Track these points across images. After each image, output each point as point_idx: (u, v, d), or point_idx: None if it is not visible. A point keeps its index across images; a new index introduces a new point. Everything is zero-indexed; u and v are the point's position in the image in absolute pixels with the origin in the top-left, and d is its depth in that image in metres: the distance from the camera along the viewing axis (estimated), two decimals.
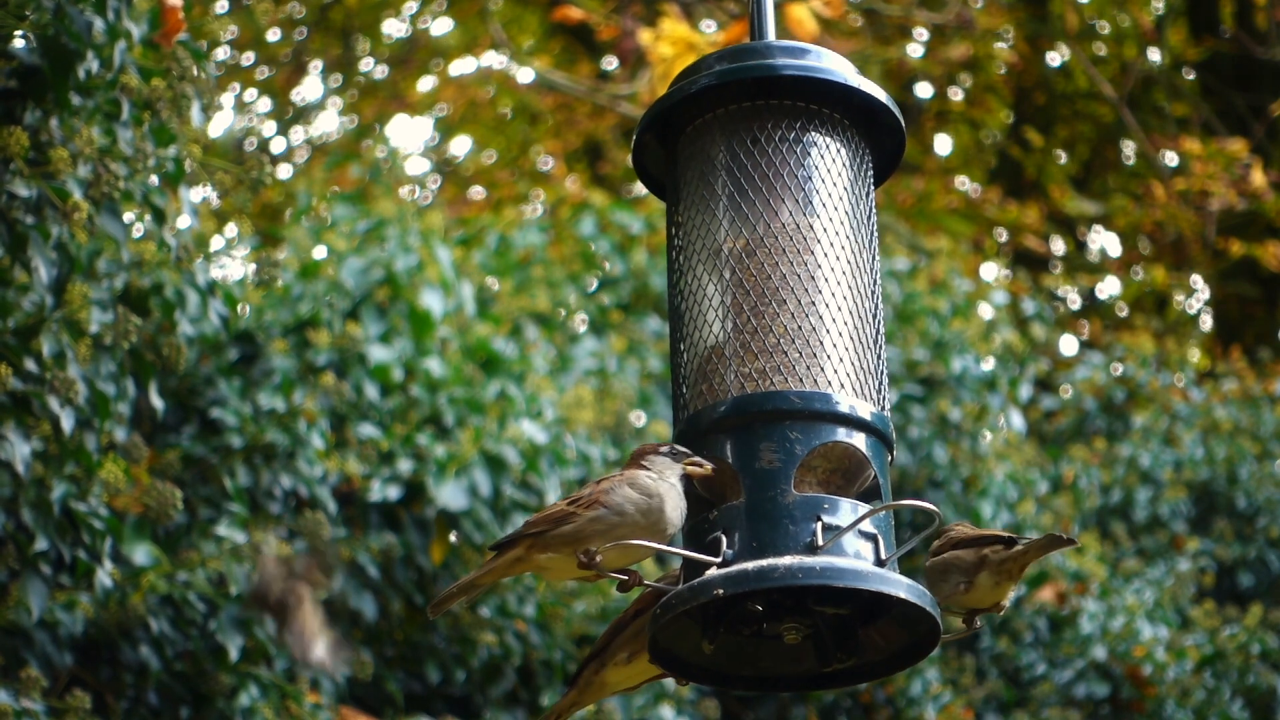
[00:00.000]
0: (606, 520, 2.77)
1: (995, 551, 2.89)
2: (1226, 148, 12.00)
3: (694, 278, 2.89)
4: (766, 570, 2.61)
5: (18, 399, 4.12)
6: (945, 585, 2.88)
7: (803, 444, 2.72)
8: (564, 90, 13.21)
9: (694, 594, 2.63)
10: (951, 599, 2.89)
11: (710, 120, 2.92)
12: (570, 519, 2.78)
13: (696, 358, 2.86)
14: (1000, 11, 13.64)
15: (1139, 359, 10.24)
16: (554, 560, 2.80)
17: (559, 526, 2.78)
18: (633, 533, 2.75)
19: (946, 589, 2.88)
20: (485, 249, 8.14)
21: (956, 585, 2.89)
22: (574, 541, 2.77)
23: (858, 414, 2.77)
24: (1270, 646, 8.23)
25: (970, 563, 2.89)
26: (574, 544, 2.77)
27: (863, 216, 2.92)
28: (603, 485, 2.81)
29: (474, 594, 2.92)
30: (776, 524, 2.68)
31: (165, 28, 4.16)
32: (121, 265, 4.84)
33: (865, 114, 2.94)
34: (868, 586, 2.62)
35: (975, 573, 2.89)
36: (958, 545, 2.92)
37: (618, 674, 2.94)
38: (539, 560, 2.82)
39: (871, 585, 2.62)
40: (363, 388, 6.02)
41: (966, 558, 2.90)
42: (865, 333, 2.86)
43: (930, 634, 2.71)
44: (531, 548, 2.81)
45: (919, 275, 9.02)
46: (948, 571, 2.89)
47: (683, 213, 2.95)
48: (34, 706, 4.22)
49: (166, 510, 4.60)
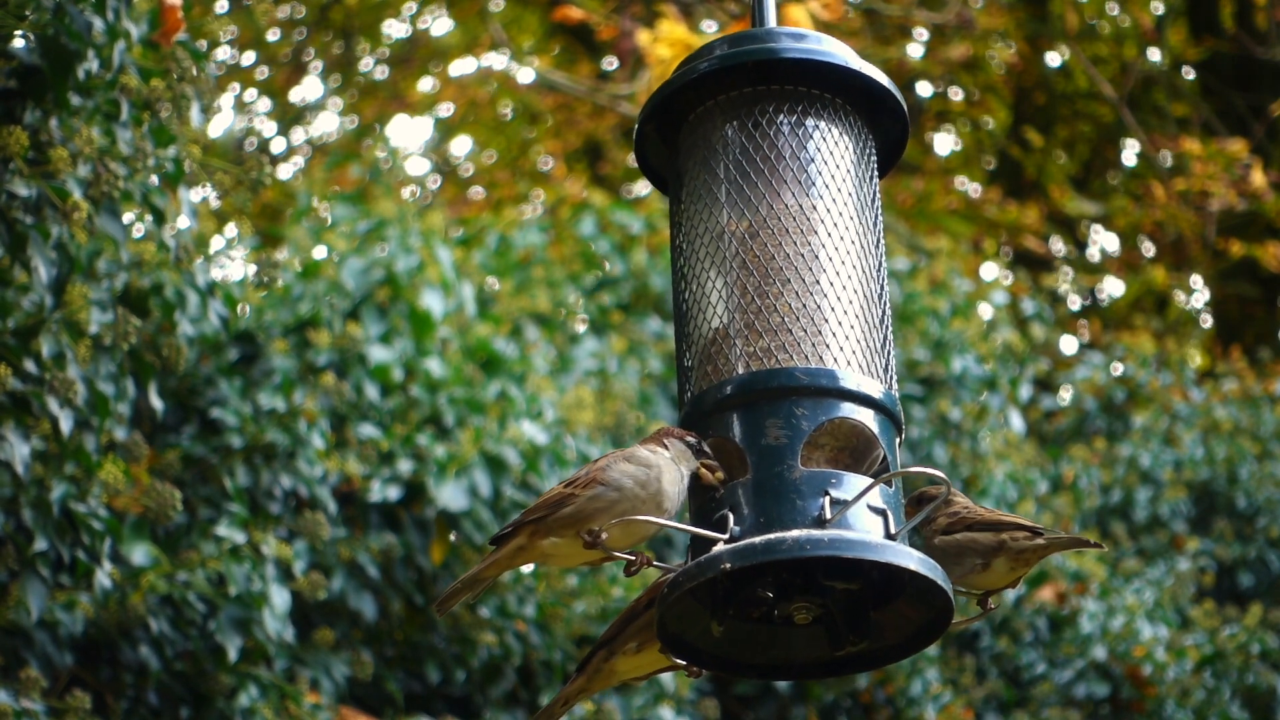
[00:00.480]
0: (606, 497, 2.73)
1: (1016, 539, 2.87)
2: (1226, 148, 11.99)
3: (697, 261, 2.88)
4: (774, 543, 2.58)
5: (17, 399, 4.12)
6: (959, 566, 2.85)
7: (809, 420, 2.70)
8: (564, 90, 13.21)
9: (701, 570, 2.60)
10: (965, 579, 2.87)
11: (712, 106, 2.92)
12: (569, 500, 2.74)
13: (701, 339, 2.84)
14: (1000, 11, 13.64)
15: (1139, 359, 10.24)
16: (558, 545, 2.76)
17: (559, 509, 2.75)
18: (634, 507, 2.72)
19: (961, 569, 2.86)
20: (485, 249, 8.14)
21: (972, 566, 2.86)
22: (576, 522, 2.73)
23: (865, 391, 2.75)
24: (1270, 646, 8.23)
25: (989, 546, 2.87)
26: (576, 525, 2.73)
27: (867, 200, 2.91)
28: (599, 464, 2.78)
29: (479, 589, 2.87)
30: (784, 499, 2.66)
31: (164, 28, 4.16)
32: (121, 265, 4.84)
33: (867, 98, 2.93)
34: (877, 557, 2.59)
35: (993, 556, 2.87)
36: (972, 526, 2.90)
37: (627, 663, 2.91)
38: (543, 547, 2.77)
39: (881, 556, 2.59)
40: (363, 388, 6.02)
41: (985, 540, 2.87)
42: (871, 313, 2.84)
43: (943, 611, 2.68)
44: (534, 534, 2.77)
45: (919, 275, 9.02)
46: (963, 553, 2.87)
47: (686, 198, 2.94)
48: (34, 707, 4.22)
49: (166, 510, 4.60)
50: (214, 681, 5.03)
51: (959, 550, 2.87)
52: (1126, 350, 10.41)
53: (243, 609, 4.93)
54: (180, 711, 5.07)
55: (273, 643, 5.05)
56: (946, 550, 2.88)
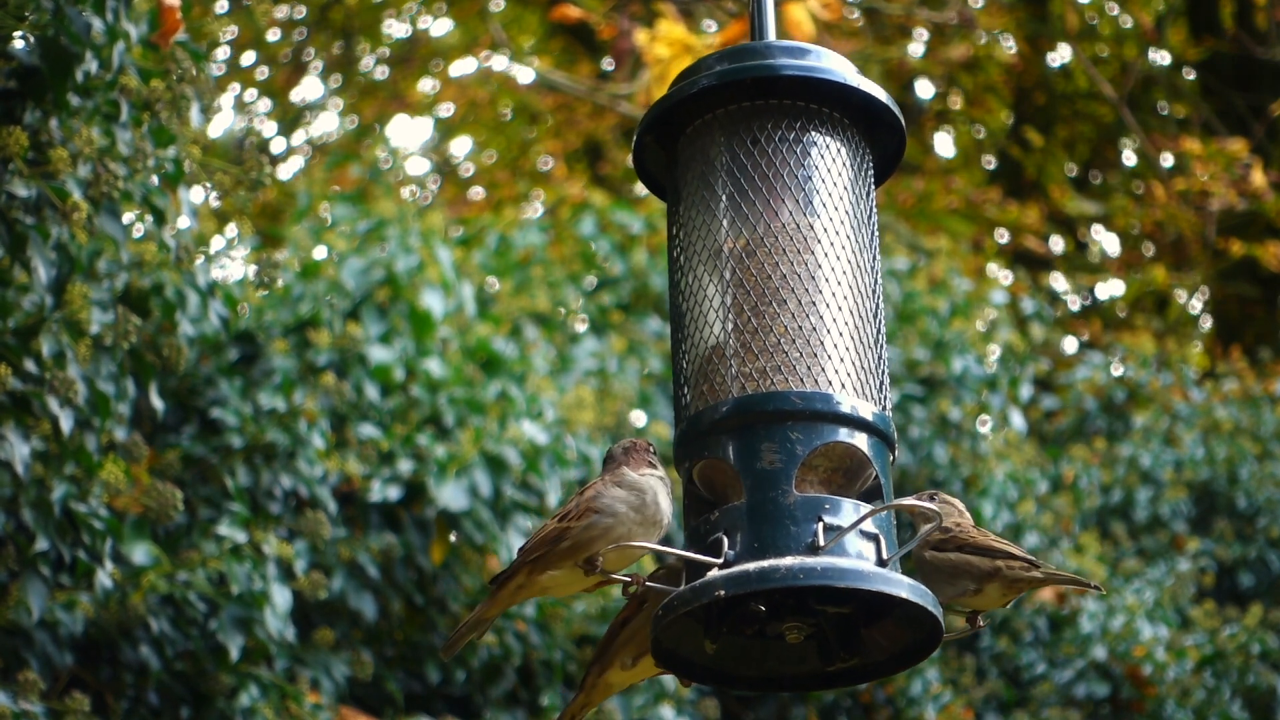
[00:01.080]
0: (601, 524, 2.77)
1: (1012, 568, 2.88)
2: (1227, 148, 11.99)
3: (694, 278, 2.88)
4: (768, 571, 2.61)
5: (18, 399, 4.12)
6: (951, 587, 2.87)
7: (804, 444, 2.72)
8: (564, 90, 13.21)
9: (696, 595, 2.63)
10: (957, 600, 2.89)
11: (710, 121, 2.91)
12: (565, 534, 2.79)
13: (698, 358, 2.85)
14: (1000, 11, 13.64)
15: (1139, 359, 10.24)
16: (556, 578, 2.81)
17: (556, 545, 2.79)
18: (630, 531, 2.76)
19: (953, 590, 2.88)
20: (485, 249, 8.14)
21: (965, 589, 2.88)
22: (574, 553, 2.78)
23: (859, 414, 2.76)
24: (1270, 646, 8.23)
25: (984, 570, 2.88)
26: (574, 556, 2.78)
27: (863, 216, 2.91)
28: (588, 494, 2.82)
29: (483, 629, 2.94)
30: (778, 524, 2.68)
31: (164, 28, 4.16)
32: (121, 266, 4.84)
33: (865, 113, 2.93)
34: (870, 587, 2.61)
35: (986, 581, 2.88)
36: (964, 548, 2.92)
37: (622, 676, 2.96)
38: (542, 582, 2.82)
39: (873, 585, 2.61)
40: (363, 388, 6.02)
41: (981, 565, 2.89)
42: (866, 333, 2.85)
43: (933, 633, 2.71)
44: (531, 572, 2.82)
45: (919, 275, 9.02)
46: (957, 575, 2.88)
47: (683, 213, 2.94)
48: (33, 709, 4.22)
49: (167, 510, 4.60)
50: (214, 681, 5.03)
51: (952, 570, 2.89)
52: (1126, 350, 10.41)
53: (244, 608, 4.94)
54: (181, 711, 5.07)
55: (274, 642, 5.06)
56: (939, 568, 2.90)
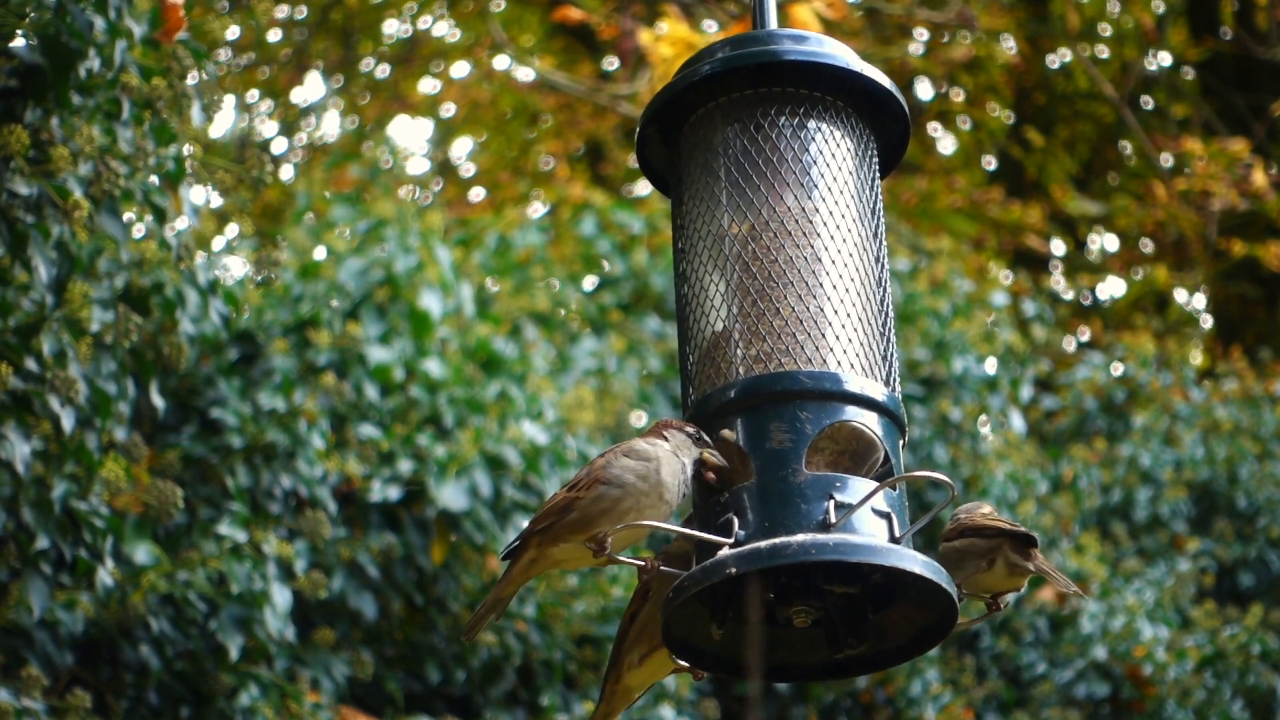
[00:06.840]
0: (609, 495, 2.74)
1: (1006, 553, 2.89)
2: (1227, 148, 11.99)
3: (699, 263, 2.88)
4: (779, 548, 2.58)
5: (18, 398, 4.12)
6: (962, 570, 2.87)
7: (813, 424, 2.70)
8: (565, 90, 13.21)
9: (707, 574, 2.60)
10: (971, 580, 2.88)
11: (713, 108, 2.91)
12: (574, 505, 2.75)
13: (704, 342, 2.84)
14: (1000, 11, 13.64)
15: (1139, 359, 10.23)
16: (568, 550, 2.78)
17: (565, 516, 2.76)
18: (637, 502, 2.72)
19: (965, 572, 2.87)
20: (485, 249, 8.14)
21: (976, 566, 2.87)
22: (582, 526, 2.74)
23: (868, 394, 2.75)
24: (1270, 646, 8.23)
25: (988, 547, 2.89)
26: (583, 529, 2.74)
27: (868, 203, 2.91)
28: (599, 462, 2.79)
29: (501, 609, 2.91)
30: (788, 503, 2.66)
31: (166, 26, 4.16)
32: (122, 264, 4.84)
33: (869, 100, 2.93)
34: (882, 561, 2.59)
35: (995, 554, 2.88)
36: (966, 532, 2.92)
37: (636, 677, 2.94)
38: (554, 555, 2.79)
39: (887, 560, 2.59)
40: (363, 388, 6.02)
41: (984, 544, 2.89)
42: (873, 315, 2.84)
43: (946, 613, 2.68)
44: (542, 544, 2.79)
45: (920, 275, 9.02)
46: (964, 557, 2.88)
47: (687, 200, 2.94)
48: (34, 705, 4.22)
49: (167, 510, 4.60)
50: (215, 681, 5.03)
51: (960, 555, 2.89)
52: (1126, 350, 10.40)
53: (244, 608, 4.94)
54: (181, 711, 5.07)
55: (274, 642, 5.06)
56: (947, 556, 2.90)
